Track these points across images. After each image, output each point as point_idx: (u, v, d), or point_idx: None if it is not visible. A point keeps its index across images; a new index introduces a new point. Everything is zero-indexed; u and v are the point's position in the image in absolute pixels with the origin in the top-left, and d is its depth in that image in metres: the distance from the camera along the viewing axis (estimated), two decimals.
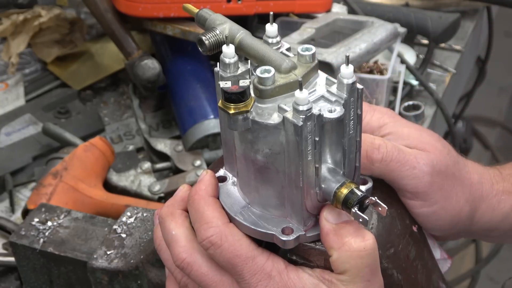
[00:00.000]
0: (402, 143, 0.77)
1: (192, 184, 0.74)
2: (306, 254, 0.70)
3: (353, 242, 0.67)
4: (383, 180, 0.77)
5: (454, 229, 0.81)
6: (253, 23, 1.42)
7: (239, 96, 0.63)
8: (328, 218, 0.68)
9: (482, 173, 0.83)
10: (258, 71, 0.65)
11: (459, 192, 0.79)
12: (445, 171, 0.77)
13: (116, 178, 1.24)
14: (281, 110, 0.64)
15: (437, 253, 0.83)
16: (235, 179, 0.74)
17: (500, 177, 0.83)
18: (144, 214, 0.95)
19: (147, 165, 1.25)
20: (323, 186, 0.67)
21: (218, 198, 0.73)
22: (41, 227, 0.97)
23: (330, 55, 1.26)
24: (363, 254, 0.67)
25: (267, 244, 0.71)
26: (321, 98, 0.66)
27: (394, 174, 0.76)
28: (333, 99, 0.65)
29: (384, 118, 0.79)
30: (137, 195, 1.22)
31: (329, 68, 1.24)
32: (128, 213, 0.95)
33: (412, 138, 0.78)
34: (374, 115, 0.79)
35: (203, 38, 0.68)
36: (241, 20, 1.04)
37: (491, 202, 0.82)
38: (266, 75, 0.65)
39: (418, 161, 0.76)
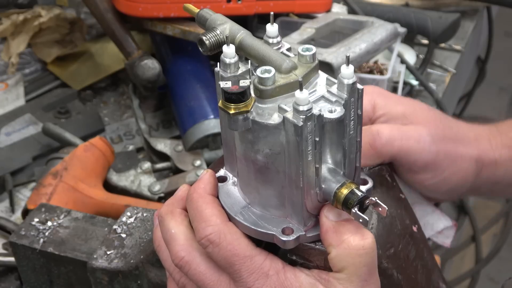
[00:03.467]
0: (398, 122, 0.78)
1: (192, 184, 0.74)
2: (306, 254, 0.70)
3: (352, 240, 0.67)
4: (383, 180, 0.77)
5: (463, 189, 0.83)
6: (253, 23, 1.42)
7: (240, 96, 0.63)
8: (328, 215, 0.68)
9: (477, 131, 0.84)
10: (258, 71, 0.65)
11: (463, 152, 0.80)
12: (444, 137, 0.79)
13: (116, 178, 1.24)
14: (281, 110, 0.64)
15: (444, 221, 0.83)
16: (235, 179, 0.74)
17: (497, 133, 0.85)
18: (144, 214, 0.95)
19: (147, 165, 1.25)
20: (323, 186, 0.67)
21: (217, 197, 0.73)
22: (41, 227, 0.97)
23: (330, 55, 1.26)
24: (361, 253, 0.67)
25: (267, 244, 0.71)
26: (321, 98, 0.66)
27: (401, 153, 0.77)
28: (334, 99, 0.65)
29: (374, 97, 0.80)
30: (137, 195, 1.22)
31: (329, 68, 1.24)
32: (128, 213, 0.95)
33: (408, 115, 0.79)
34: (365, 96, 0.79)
35: (204, 38, 0.68)
36: (241, 20, 1.04)
37: (493, 156, 0.83)
38: (266, 75, 0.65)
39: (420, 133, 0.77)
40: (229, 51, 0.66)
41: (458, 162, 0.80)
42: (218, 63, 0.67)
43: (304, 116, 0.62)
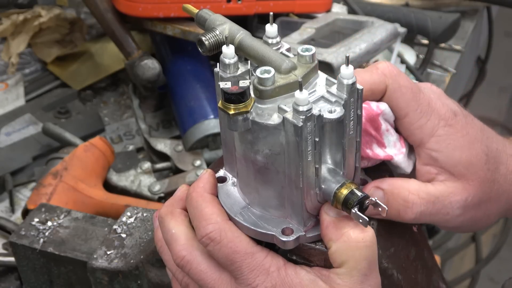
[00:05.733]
0: (448, 169, 0.75)
1: (191, 184, 0.74)
2: (306, 254, 0.70)
3: (352, 233, 0.67)
4: (383, 180, 0.77)
5: (485, 228, 0.83)
6: (253, 23, 1.42)
7: (239, 97, 0.63)
8: (328, 212, 0.68)
9: None
10: (258, 72, 0.65)
11: (493, 210, 0.79)
12: (479, 201, 0.77)
13: (116, 178, 1.24)
14: (281, 110, 0.64)
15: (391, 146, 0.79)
16: (235, 179, 0.74)
17: None
18: (144, 214, 0.95)
19: (147, 165, 1.25)
20: (323, 186, 0.67)
21: (216, 197, 0.73)
22: (41, 227, 0.97)
23: (330, 55, 1.26)
24: (361, 246, 0.66)
25: (267, 244, 0.71)
26: (321, 98, 0.66)
27: (427, 221, 0.77)
28: (333, 99, 0.65)
29: (440, 126, 0.75)
30: (137, 195, 1.22)
31: (329, 68, 1.24)
32: (128, 213, 0.95)
33: (460, 166, 0.75)
34: (430, 119, 0.75)
35: (203, 38, 0.68)
36: (241, 20, 1.05)
37: None
38: (266, 75, 0.64)
39: (452, 205, 0.75)
40: (228, 51, 0.66)
41: (481, 221, 0.79)
42: (218, 64, 0.67)
43: (304, 117, 0.62)
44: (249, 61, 0.68)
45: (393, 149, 0.75)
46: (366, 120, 0.72)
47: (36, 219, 0.98)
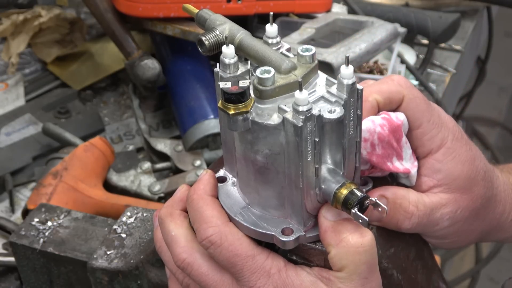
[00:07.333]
0: (447, 182, 0.76)
1: (191, 184, 0.74)
2: (306, 254, 0.70)
3: (351, 238, 0.67)
4: (384, 180, 0.77)
5: (463, 246, 0.84)
6: (253, 23, 1.42)
7: (239, 97, 0.63)
8: (326, 216, 0.68)
9: (507, 202, 0.83)
10: (258, 72, 0.65)
11: (476, 227, 0.80)
12: (469, 215, 0.78)
13: (116, 178, 1.24)
14: (281, 110, 0.64)
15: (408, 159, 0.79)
16: (235, 179, 0.74)
17: None
18: (144, 214, 0.95)
19: (147, 165, 1.25)
20: (323, 186, 0.67)
21: (217, 198, 0.73)
22: (41, 227, 0.97)
23: (330, 55, 1.26)
24: (360, 250, 0.67)
25: (267, 244, 0.71)
26: (321, 98, 0.66)
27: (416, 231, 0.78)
28: (333, 99, 0.65)
29: (448, 139, 0.76)
30: (137, 195, 1.22)
31: (329, 68, 1.24)
32: (128, 213, 0.95)
33: (459, 180, 0.76)
34: (441, 131, 0.76)
35: (203, 38, 0.68)
36: (241, 20, 1.05)
37: (503, 226, 0.84)
38: (266, 75, 0.64)
39: (443, 216, 0.76)
40: (228, 51, 0.66)
41: (465, 235, 0.80)
42: (218, 64, 0.67)
43: (303, 117, 0.62)
44: (249, 61, 0.68)
45: (408, 163, 0.75)
46: (390, 131, 0.72)
47: (36, 219, 0.98)
